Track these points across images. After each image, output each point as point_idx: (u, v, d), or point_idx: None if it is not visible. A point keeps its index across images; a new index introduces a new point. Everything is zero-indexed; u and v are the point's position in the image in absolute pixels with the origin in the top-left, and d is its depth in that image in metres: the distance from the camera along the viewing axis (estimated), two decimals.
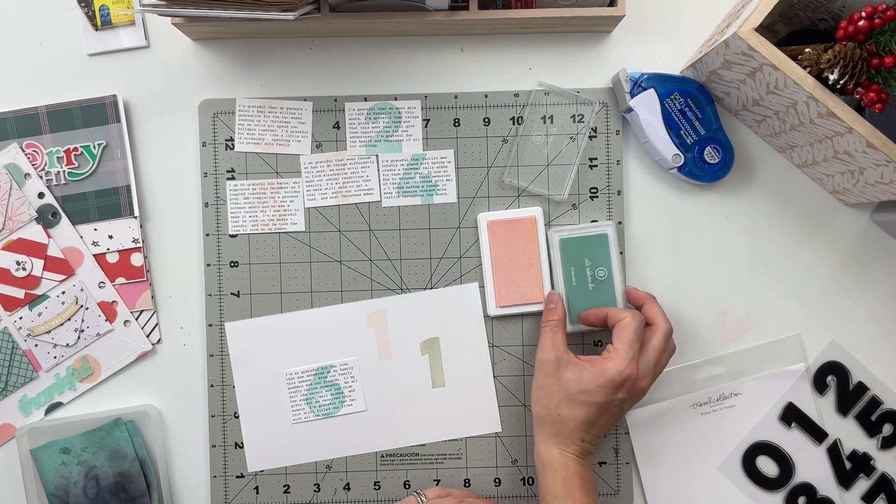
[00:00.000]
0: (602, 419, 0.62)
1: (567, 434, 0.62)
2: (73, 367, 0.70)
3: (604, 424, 0.63)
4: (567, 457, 0.62)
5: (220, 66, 0.71)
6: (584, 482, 0.62)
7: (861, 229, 0.71)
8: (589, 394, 0.61)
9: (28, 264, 0.69)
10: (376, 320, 0.70)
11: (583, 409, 0.62)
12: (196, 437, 0.71)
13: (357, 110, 0.70)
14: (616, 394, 0.61)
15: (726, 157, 0.69)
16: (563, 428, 0.62)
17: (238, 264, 0.70)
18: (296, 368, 0.70)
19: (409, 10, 0.66)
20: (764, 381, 0.71)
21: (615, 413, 0.63)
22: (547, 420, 0.63)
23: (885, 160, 0.57)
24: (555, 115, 0.70)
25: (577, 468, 0.62)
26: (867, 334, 0.71)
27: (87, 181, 0.69)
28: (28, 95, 0.70)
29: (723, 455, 0.71)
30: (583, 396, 0.61)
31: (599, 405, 0.61)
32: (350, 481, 0.70)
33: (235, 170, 0.70)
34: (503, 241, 0.69)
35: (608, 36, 0.71)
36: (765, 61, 0.57)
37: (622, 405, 0.62)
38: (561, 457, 0.62)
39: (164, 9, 0.58)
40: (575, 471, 0.62)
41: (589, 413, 0.62)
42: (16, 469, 0.69)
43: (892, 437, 0.71)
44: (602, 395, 0.61)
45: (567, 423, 0.62)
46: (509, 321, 0.70)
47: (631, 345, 0.61)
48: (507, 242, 0.69)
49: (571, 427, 0.62)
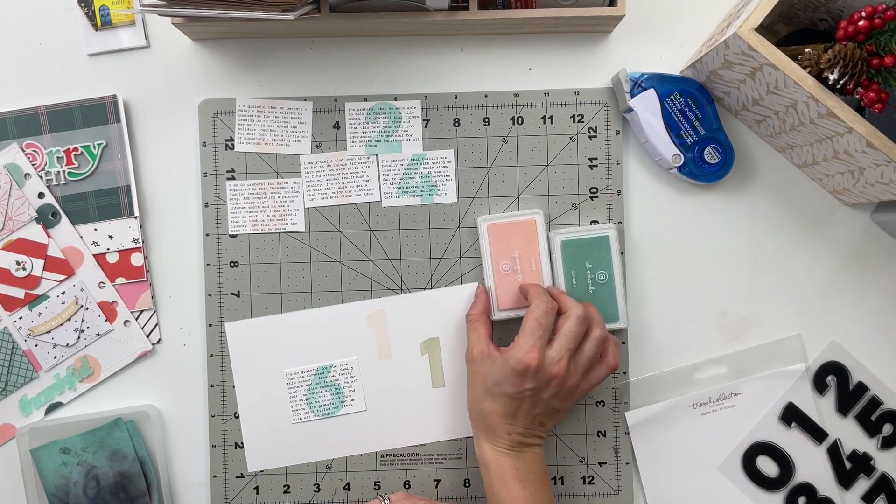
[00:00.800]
0: (522, 410, 0.61)
1: (492, 428, 0.62)
2: (73, 367, 0.70)
3: (528, 415, 0.61)
4: (498, 451, 0.62)
5: (220, 66, 0.71)
6: (519, 474, 0.61)
7: (861, 229, 0.71)
8: (500, 385, 0.61)
9: (28, 264, 0.69)
10: (376, 320, 0.70)
11: (499, 402, 0.61)
12: (196, 437, 0.71)
13: (357, 110, 0.70)
14: (524, 383, 0.60)
15: (726, 157, 0.69)
16: (488, 422, 0.62)
17: (238, 264, 0.70)
18: (296, 368, 0.70)
19: (409, 10, 0.66)
20: (764, 381, 0.71)
21: (536, 404, 0.61)
22: (475, 416, 0.64)
23: (885, 160, 0.57)
24: (554, 116, 0.70)
25: (511, 461, 0.61)
26: (867, 334, 0.71)
27: (87, 181, 0.69)
28: (28, 95, 0.70)
29: (723, 455, 0.71)
30: (497, 388, 0.61)
31: (511, 396, 0.60)
32: (350, 481, 0.70)
33: (235, 170, 0.70)
34: (504, 244, 0.68)
35: (608, 36, 0.71)
36: (765, 61, 0.57)
37: (538, 394, 0.60)
38: (492, 452, 0.62)
39: (164, 9, 0.58)
40: (508, 464, 0.61)
41: (505, 405, 0.61)
42: (16, 469, 0.69)
43: (892, 437, 0.71)
44: (510, 386, 0.60)
45: (490, 417, 0.62)
46: (510, 323, 0.70)
47: (531, 332, 0.60)
48: (507, 245, 0.68)
49: (495, 420, 0.62)
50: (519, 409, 0.61)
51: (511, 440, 0.62)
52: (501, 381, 0.61)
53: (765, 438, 0.71)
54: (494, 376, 0.61)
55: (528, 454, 0.62)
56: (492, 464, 0.62)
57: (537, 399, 0.61)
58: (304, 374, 0.70)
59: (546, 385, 0.61)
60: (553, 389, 0.61)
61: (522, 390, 0.60)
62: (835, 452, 0.71)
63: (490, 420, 0.62)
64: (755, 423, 0.71)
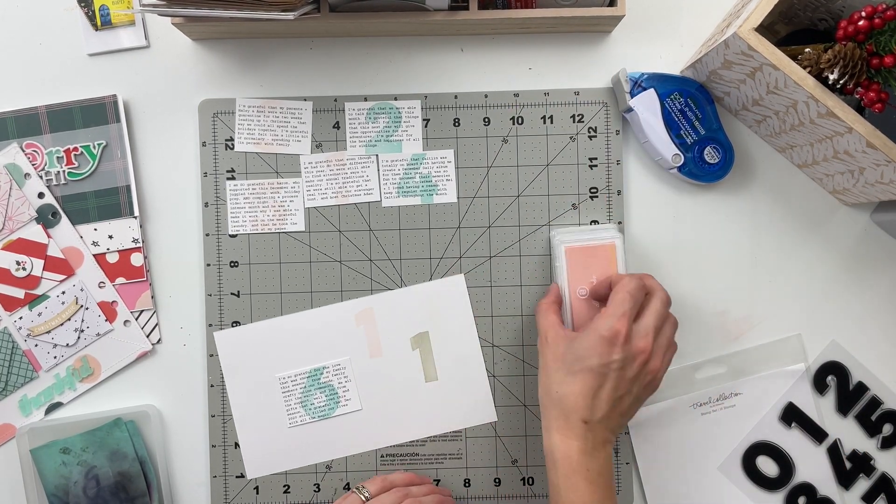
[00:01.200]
0: (604, 390, 0.58)
1: (568, 414, 0.58)
2: (73, 367, 0.70)
3: (609, 399, 0.58)
4: (570, 445, 0.57)
5: (220, 66, 0.71)
6: (590, 476, 0.57)
7: (861, 229, 0.71)
8: (583, 360, 0.58)
9: (28, 264, 0.69)
10: (365, 319, 0.70)
11: (579, 379, 0.58)
12: (196, 437, 0.71)
13: (357, 110, 0.70)
14: (611, 353, 0.57)
15: (726, 157, 0.69)
16: (564, 407, 0.58)
17: (238, 264, 0.70)
18: (288, 372, 0.70)
19: (409, 10, 0.66)
20: (764, 381, 0.71)
21: (620, 384, 0.58)
22: (548, 402, 0.60)
23: (885, 160, 0.57)
24: (554, 116, 0.70)
25: (583, 460, 0.57)
26: (867, 334, 0.71)
27: (87, 181, 0.69)
28: (28, 95, 0.70)
29: (723, 455, 0.71)
30: (578, 364, 0.58)
31: (594, 370, 0.57)
32: (350, 481, 0.70)
33: (235, 170, 0.70)
34: (581, 268, 0.66)
35: (608, 36, 0.71)
36: (765, 61, 0.57)
37: (623, 371, 0.58)
38: (563, 445, 0.58)
39: (164, 9, 0.58)
40: (579, 463, 0.57)
41: (586, 382, 0.58)
42: (16, 469, 0.69)
43: (892, 437, 0.71)
44: (595, 357, 0.57)
45: (567, 401, 0.58)
46: (509, 321, 0.70)
47: (622, 302, 0.58)
48: (585, 270, 0.66)
49: (572, 403, 0.58)
50: (601, 389, 0.58)
51: (585, 432, 0.57)
52: (585, 354, 0.58)
53: (765, 438, 0.71)
54: (577, 351, 0.58)
55: (601, 454, 0.58)
56: (561, 460, 0.57)
57: (622, 377, 0.58)
58: (298, 378, 0.70)
59: (633, 359, 0.58)
60: (637, 367, 0.58)
61: (609, 362, 0.57)
62: (835, 452, 0.71)
63: (566, 404, 0.58)
64: (755, 423, 0.71)
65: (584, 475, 0.57)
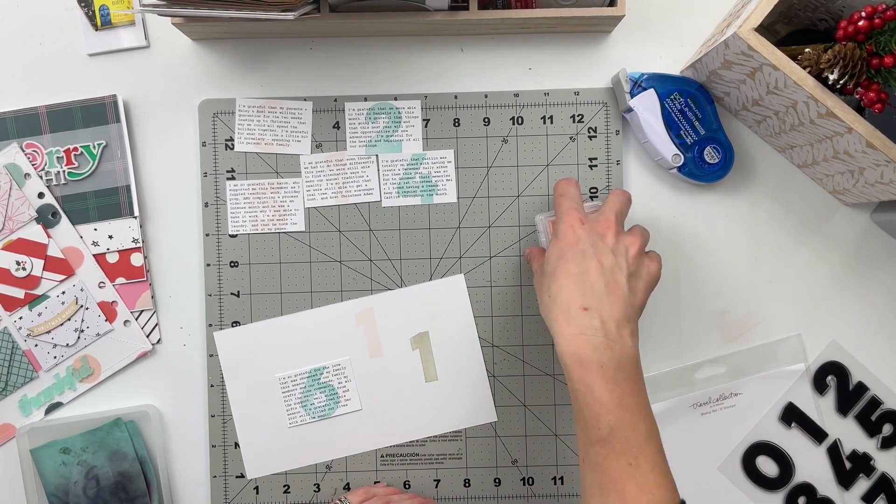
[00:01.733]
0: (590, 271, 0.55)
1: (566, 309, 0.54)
2: (73, 367, 0.70)
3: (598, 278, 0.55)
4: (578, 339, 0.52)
5: (220, 66, 0.71)
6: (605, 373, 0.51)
7: (861, 229, 0.71)
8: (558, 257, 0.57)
9: (28, 264, 0.69)
10: (365, 319, 0.70)
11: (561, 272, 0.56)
12: (196, 437, 0.71)
13: (357, 110, 0.70)
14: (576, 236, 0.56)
15: (726, 157, 0.69)
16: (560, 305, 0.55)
17: (238, 264, 0.70)
18: (288, 372, 0.70)
19: (409, 10, 0.66)
20: (764, 381, 0.71)
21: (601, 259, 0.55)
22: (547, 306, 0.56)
23: (885, 160, 0.57)
24: (554, 116, 0.70)
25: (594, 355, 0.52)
26: (867, 334, 0.71)
27: (87, 181, 0.69)
28: (28, 95, 0.70)
29: (723, 455, 0.71)
30: (556, 264, 0.57)
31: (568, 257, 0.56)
32: (350, 481, 0.70)
33: (235, 170, 0.70)
34: None
35: (608, 36, 0.71)
36: (765, 61, 0.57)
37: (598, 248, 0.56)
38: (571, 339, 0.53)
39: (164, 9, 0.58)
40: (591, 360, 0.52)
41: (567, 270, 0.55)
42: (16, 469, 0.69)
43: (892, 437, 0.71)
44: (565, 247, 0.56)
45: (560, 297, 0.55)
46: (509, 321, 0.70)
47: (560, 203, 0.60)
48: None
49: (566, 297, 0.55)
50: (586, 270, 0.55)
51: (589, 320, 0.53)
52: (557, 252, 0.57)
53: (765, 438, 0.71)
54: (551, 255, 0.58)
55: (615, 347, 0.52)
56: (572, 364, 0.52)
57: (600, 252, 0.56)
58: (298, 378, 0.70)
59: (602, 235, 0.57)
60: (612, 241, 0.56)
61: (576, 242, 0.56)
62: (835, 452, 0.71)
63: (562, 298, 0.55)
64: (755, 423, 0.71)
65: (598, 373, 0.51)
